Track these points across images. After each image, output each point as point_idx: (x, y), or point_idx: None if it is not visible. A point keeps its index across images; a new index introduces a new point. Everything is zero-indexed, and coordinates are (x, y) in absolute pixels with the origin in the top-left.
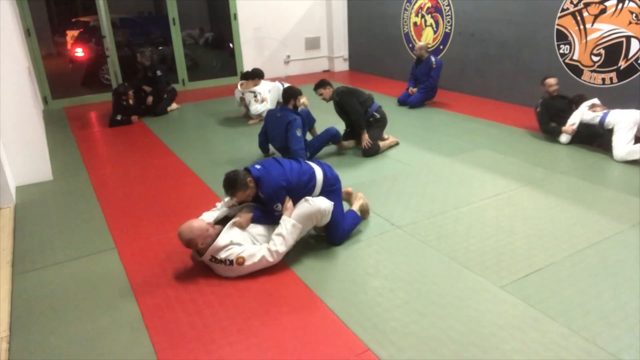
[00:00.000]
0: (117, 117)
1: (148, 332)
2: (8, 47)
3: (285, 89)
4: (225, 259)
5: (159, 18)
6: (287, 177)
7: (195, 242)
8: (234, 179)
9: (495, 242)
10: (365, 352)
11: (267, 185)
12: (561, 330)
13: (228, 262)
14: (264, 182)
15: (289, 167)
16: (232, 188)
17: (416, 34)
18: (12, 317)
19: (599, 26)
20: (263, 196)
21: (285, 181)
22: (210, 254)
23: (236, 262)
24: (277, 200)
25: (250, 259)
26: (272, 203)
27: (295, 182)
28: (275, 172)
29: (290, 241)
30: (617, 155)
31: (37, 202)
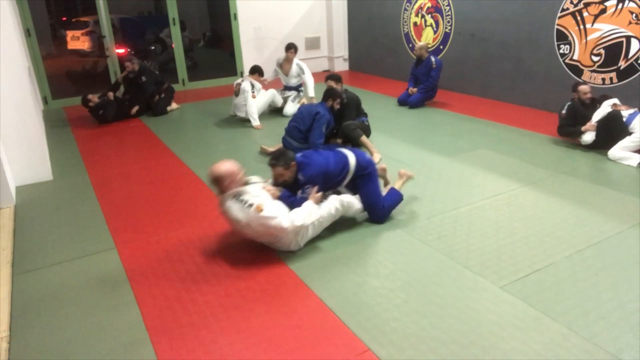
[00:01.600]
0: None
1: (148, 332)
2: (8, 47)
3: (328, 89)
4: (246, 201)
5: (158, 18)
6: (326, 165)
7: (223, 181)
8: (284, 152)
9: (495, 242)
10: (365, 352)
11: (309, 170)
12: (561, 330)
13: (248, 205)
14: (306, 167)
15: (327, 156)
16: (277, 159)
17: (416, 34)
18: (12, 317)
19: (599, 26)
20: (302, 179)
21: (324, 168)
22: (235, 192)
23: (256, 208)
24: (312, 184)
25: (268, 212)
26: (304, 187)
27: (332, 169)
28: (316, 160)
29: (307, 219)
30: (611, 153)
31: (37, 202)
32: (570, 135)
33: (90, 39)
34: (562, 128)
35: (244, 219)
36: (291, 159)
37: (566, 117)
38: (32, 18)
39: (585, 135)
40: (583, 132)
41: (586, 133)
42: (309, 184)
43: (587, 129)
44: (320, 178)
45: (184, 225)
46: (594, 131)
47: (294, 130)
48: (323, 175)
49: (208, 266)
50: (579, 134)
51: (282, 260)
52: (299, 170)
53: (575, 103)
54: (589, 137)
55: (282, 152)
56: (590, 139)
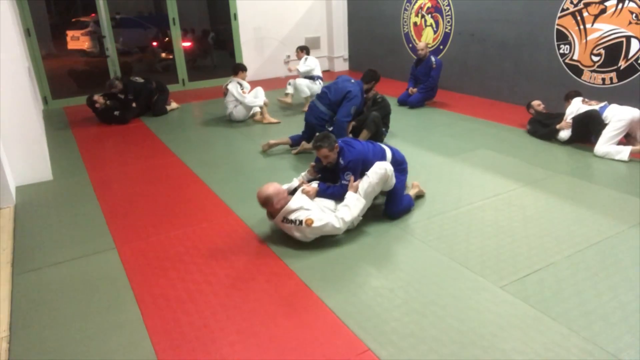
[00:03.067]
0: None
1: (148, 332)
2: (8, 47)
3: (372, 70)
4: (295, 220)
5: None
6: (366, 154)
7: (271, 201)
8: (328, 135)
9: (495, 242)
10: (365, 352)
11: (350, 155)
12: (561, 330)
13: (298, 222)
14: (347, 152)
15: (367, 146)
16: (322, 141)
17: (416, 34)
18: (12, 317)
19: (599, 26)
20: (343, 164)
21: (364, 156)
22: (283, 215)
23: (305, 222)
24: (352, 171)
25: (318, 222)
26: (345, 172)
27: (370, 159)
28: (357, 147)
29: (354, 212)
30: (597, 150)
31: (37, 202)
32: (546, 137)
33: (90, 38)
34: (537, 133)
35: (301, 236)
36: (335, 141)
37: (534, 128)
38: (32, 18)
39: (561, 133)
40: (558, 130)
41: (562, 130)
42: (349, 169)
43: (562, 127)
44: (359, 164)
45: (184, 225)
46: (569, 129)
47: (325, 96)
48: (362, 162)
49: (208, 266)
50: (555, 132)
51: (282, 260)
52: (340, 155)
53: (535, 115)
54: (565, 134)
55: (325, 135)
56: (566, 136)
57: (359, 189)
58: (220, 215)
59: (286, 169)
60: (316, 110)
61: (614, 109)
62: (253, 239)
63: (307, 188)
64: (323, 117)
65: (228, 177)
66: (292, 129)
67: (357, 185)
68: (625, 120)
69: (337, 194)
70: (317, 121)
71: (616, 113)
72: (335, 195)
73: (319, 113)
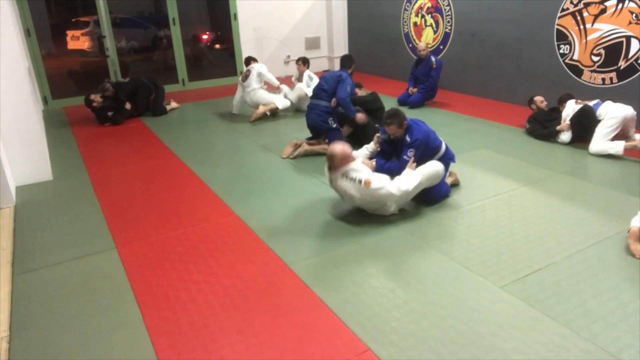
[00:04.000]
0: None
1: (148, 332)
2: (8, 47)
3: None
4: (355, 178)
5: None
6: (428, 136)
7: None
8: (398, 112)
9: (495, 242)
10: (365, 352)
11: (418, 132)
12: (561, 330)
13: (358, 181)
14: (415, 129)
15: (429, 129)
16: (392, 117)
17: (416, 34)
18: (12, 317)
19: (599, 26)
20: (409, 140)
21: (427, 138)
22: (344, 171)
23: (364, 182)
24: (415, 148)
25: (376, 183)
26: (408, 149)
27: (432, 142)
28: (423, 127)
29: (410, 185)
30: (592, 149)
31: (37, 202)
32: (545, 138)
33: (90, 38)
34: (534, 133)
35: (357, 193)
36: (404, 118)
37: (533, 127)
38: (32, 18)
39: (562, 135)
40: (558, 132)
41: (562, 133)
42: (413, 146)
43: (562, 129)
44: (423, 144)
45: (184, 225)
46: (568, 130)
47: (321, 92)
48: (425, 143)
49: (208, 266)
50: (554, 134)
51: (282, 260)
52: (408, 132)
53: (535, 112)
54: (566, 136)
55: (396, 112)
56: (567, 139)
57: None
58: (220, 215)
59: (286, 169)
60: (317, 108)
61: (607, 105)
62: (253, 239)
63: (365, 160)
64: (326, 110)
65: (228, 177)
66: (292, 130)
67: (414, 167)
68: (619, 118)
69: (395, 170)
70: (320, 117)
71: (610, 110)
72: (392, 170)
73: (320, 109)
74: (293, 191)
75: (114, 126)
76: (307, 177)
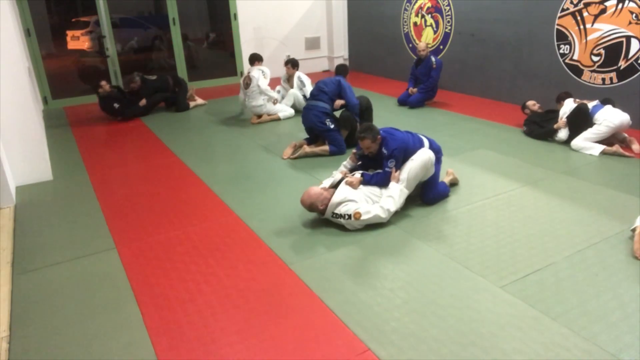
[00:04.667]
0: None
1: (148, 332)
2: (8, 47)
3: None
4: (344, 214)
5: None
6: (407, 142)
7: (316, 205)
8: (371, 127)
9: (495, 242)
10: (365, 352)
11: (393, 143)
12: (561, 330)
13: (347, 217)
14: (390, 140)
15: (407, 135)
16: (365, 132)
17: (416, 34)
18: (12, 317)
19: (599, 26)
20: (386, 152)
21: (405, 145)
22: (331, 211)
23: (354, 216)
24: (395, 158)
25: (366, 214)
26: (388, 160)
27: (411, 147)
28: (399, 135)
29: (398, 203)
30: (573, 143)
31: (37, 202)
32: (544, 137)
33: (90, 38)
34: (533, 133)
35: (351, 227)
36: (377, 132)
37: (530, 128)
38: (32, 18)
39: (559, 133)
40: (556, 130)
41: (560, 131)
42: (392, 157)
43: (560, 127)
44: (401, 152)
45: (184, 225)
46: (565, 127)
47: (320, 93)
48: (404, 150)
49: (208, 266)
50: (552, 132)
51: (282, 260)
52: (383, 144)
53: (530, 115)
54: (563, 134)
55: (369, 126)
56: (564, 136)
57: (402, 178)
58: (220, 215)
59: (287, 169)
60: (315, 109)
61: (606, 111)
62: (253, 239)
63: (350, 179)
64: (325, 110)
65: (228, 177)
66: (292, 130)
67: (399, 175)
68: (614, 126)
69: (381, 181)
70: (318, 119)
71: (607, 117)
72: (379, 183)
73: (318, 109)
74: (293, 191)
75: (119, 126)
76: (307, 177)
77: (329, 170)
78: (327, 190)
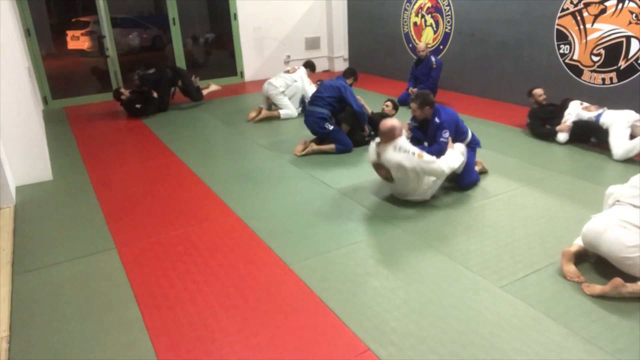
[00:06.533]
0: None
1: (148, 332)
2: (8, 47)
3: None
4: (408, 150)
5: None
6: (457, 119)
7: (394, 130)
8: (428, 94)
9: (495, 242)
10: (365, 352)
11: (446, 114)
12: (561, 330)
13: (411, 153)
14: (442, 112)
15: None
16: (417, 97)
17: (416, 34)
18: (12, 317)
19: (599, 26)
20: (438, 121)
21: (456, 119)
22: (397, 143)
23: (417, 155)
24: (447, 128)
25: (428, 157)
26: (441, 131)
27: (461, 125)
28: (450, 110)
29: (456, 163)
30: (617, 154)
31: (37, 202)
32: (546, 137)
33: (90, 38)
34: (534, 133)
35: (409, 165)
36: (428, 102)
37: (532, 124)
38: (32, 18)
39: (560, 136)
40: (557, 132)
41: (560, 133)
42: (445, 127)
43: (562, 130)
44: (453, 124)
45: (184, 225)
46: (568, 132)
47: (317, 99)
48: (455, 123)
49: (208, 266)
50: (554, 134)
51: (282, 260)
52: (436, 114)
53: (535, 108)
54: (563, 137)
55: (422, 93)
56: (564, 139)
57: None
58: (220, 215)
59: (287, 169)
60: (313, 115)
61: (609, 114)
62: (253, 239)
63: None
64: (323, 116)
65: (228, 177)
66: (292, 129)
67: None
68: (623, 121)
69: (436, 152)
70: (317, 124)
71: (612, 115)
72: (433, 153)
73: (316, 115)
74: (293, 191)
75: (119, 126)
76: (307, 177)
77: (329, 170)
78: None
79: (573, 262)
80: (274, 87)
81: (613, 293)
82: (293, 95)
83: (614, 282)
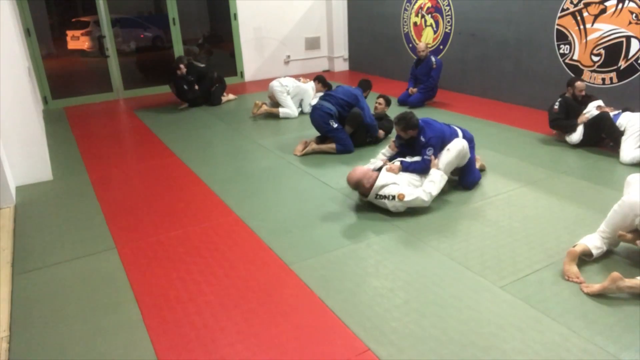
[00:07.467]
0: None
1: (148, 332)
2: (8, 47)
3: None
4: (388, 195)
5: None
6: (443, 132)
7: (362, 183)
8: (410, 117)
9: (495, 242)
10: (365, 352)
11: (431, 131)
12: (561, 330)
13: (391, 197)
14: (427, 129)
15: (442, 125)
16: (397, 122)
17: (416, 34)
18: (12, 317)
19: (599, 26)
20: (424, 140)
21: (441, 134)
22: (375, 192)
23: (398, 197)
24: (432, 146)
25: (409, 196)
26: (426, 148)
27: (447, 136)
28: (436, 125)
29: (439, 187)
30: (624, 159)
31: (37, 202)
32: (564, 129)
33: (90, 38)
34: (555, 121)
35: (394, 208)
36: (411, 125)
37: (559, 111)
38: (32, 18)
39: (573, 135)
40: (578, 125)
41: (572, 134)
42: (430, 145)
43: (582, 121)
44: (438, 141)
45: (184, 225)
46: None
47: (329, 96)
48: (441, 139)
49: (208, 266)
50: (574, 127)
51: (282, 260)
52: (421, 132)
53: (568, 98)
54: (576, 137)
55: (403, 116)
56: (577, 139)
57: (440, 164)
58: (220, 215)
59: (287, 169)
60: (321, 108)
61: (627, 115)
62: (253, 239)
63: (390, 166)
64: (330, 112)
65: (228, 177)
66: (292, 129)
67: (437, 162)
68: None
69: (420, 169)
70: (322, 118)
71: (630, 118)
72: (418, 170)
73: (324, 109)
74: (293, 191)
75: (119, 126)
76: (307, 177)
77: (330, 170)
78: (372, 171)
79: (576, 263)
80: (279, 84)
81: (612, 288)
82: (295, 95)
83: (612, 277)
